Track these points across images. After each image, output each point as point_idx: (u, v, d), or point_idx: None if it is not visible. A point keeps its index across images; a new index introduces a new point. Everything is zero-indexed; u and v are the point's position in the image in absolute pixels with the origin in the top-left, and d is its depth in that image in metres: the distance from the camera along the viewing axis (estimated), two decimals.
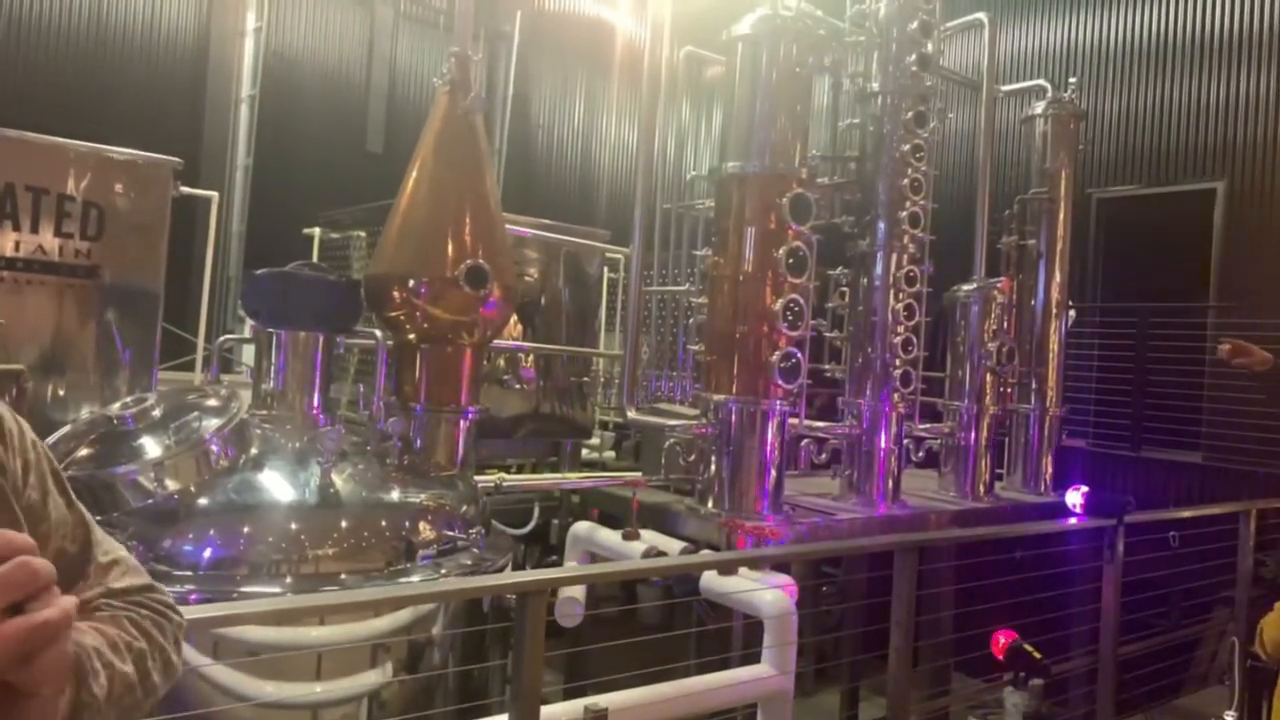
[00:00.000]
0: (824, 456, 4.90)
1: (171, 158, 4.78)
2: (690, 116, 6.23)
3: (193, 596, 2.93)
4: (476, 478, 4.25)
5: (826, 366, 5.19)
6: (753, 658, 3.74)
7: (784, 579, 3.80)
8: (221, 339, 4.38)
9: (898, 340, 4.97)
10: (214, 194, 5.65)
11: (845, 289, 5.17)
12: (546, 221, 6.20)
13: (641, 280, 4.98)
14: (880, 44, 5.21)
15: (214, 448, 3.13)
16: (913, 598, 3.68)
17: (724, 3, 4.90)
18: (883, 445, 4.96)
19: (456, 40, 4.22)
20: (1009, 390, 5.81)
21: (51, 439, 3.19)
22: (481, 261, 3.83)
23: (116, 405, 3.28)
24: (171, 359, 5.47)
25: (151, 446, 3.09)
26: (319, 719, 3.04)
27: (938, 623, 4.66)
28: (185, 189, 4.95)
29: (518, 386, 5.80)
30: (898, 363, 4.96)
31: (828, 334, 5.16)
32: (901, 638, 3.70)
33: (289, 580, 3.08)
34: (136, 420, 3.13)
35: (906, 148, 5.05)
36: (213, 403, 3.37)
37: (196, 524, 3.05)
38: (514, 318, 5.54)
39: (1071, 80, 6.76)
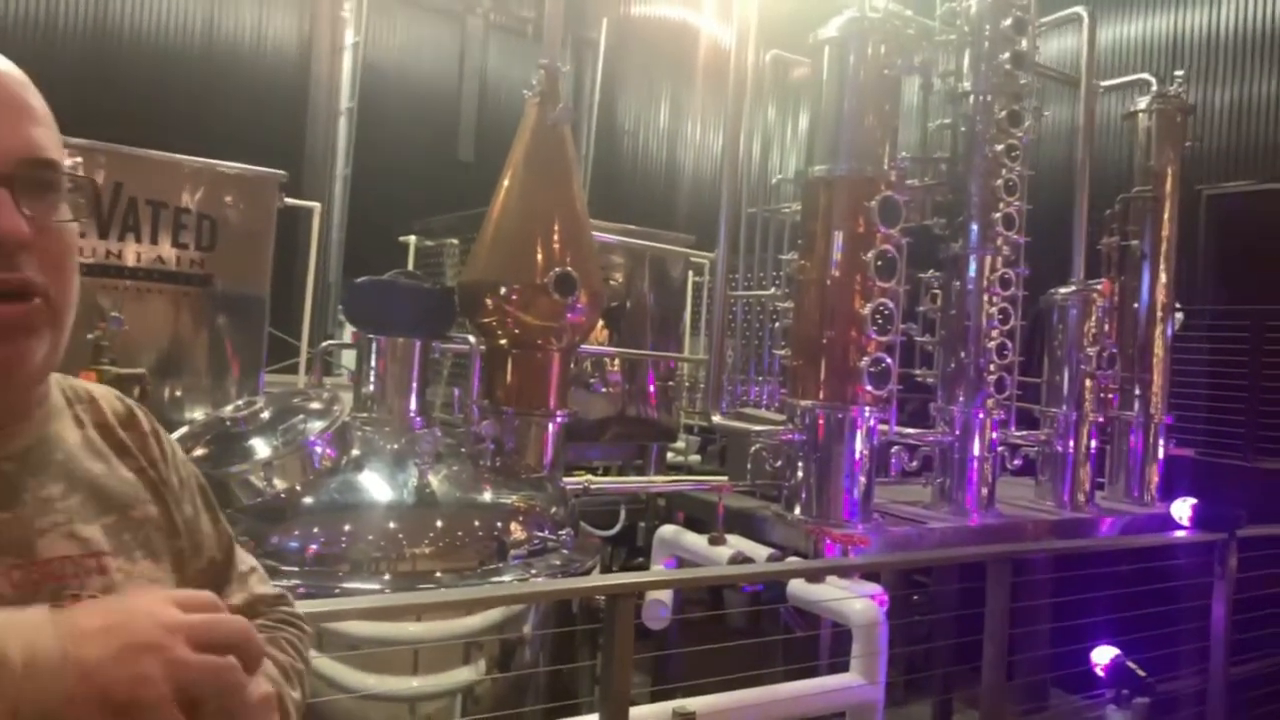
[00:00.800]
0: (915, 464, 4.81)
1: (277, 170, 5.01)
2: (775, 119, 6.19)
3: (298, 590, 3.07)
4: (565, 479, 4.32)
5: (918, 371, 5.10)
6: (841, 666, 3.70)
7: (873, 588, 3.75)
8: (324, 344, 4.57)
9: (992, 345, 4.85)
10: (316, 204, 5.90)
11: (937, 292, 5.06)
12: (632, 227, 6.25)
13: (727, 284, 4.98)
14: (972, 42, 5.09)
15: (318, 449, 3.28)
16: (1006, 610, 3.58)
17: (811, 5, 4.86)
18: (976, 453, 4.85)
19: (545, 52, 4.31)
20: (1110, 396, 5.60)
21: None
22: (569, 269, 3.91)
23: (229, 408, 3.47)
24: (276, 362, 5.72)
25: (261, 447, 3.25)
26: (416, 712, 3.15)
27: (1034, 636, 4.52)
28: (289, 200, 5.18)
29: (603, 390, 5.87)
30: (992, 368, 4.84)
31: (919, 338, 5.07)
32: (995, 650, 3.61)
33: (387, 577, 3.20)
34: (247, 422, 3.30)
35: (1000, 148, 4.92)
36: (316, 406, 3.53)
37: (302, 521, 3.20)
38: (600, 322, 5.61)
39: (1178, 73, 6.46)
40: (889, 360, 4.36)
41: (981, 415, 4.85)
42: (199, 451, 3.25)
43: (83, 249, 4.48)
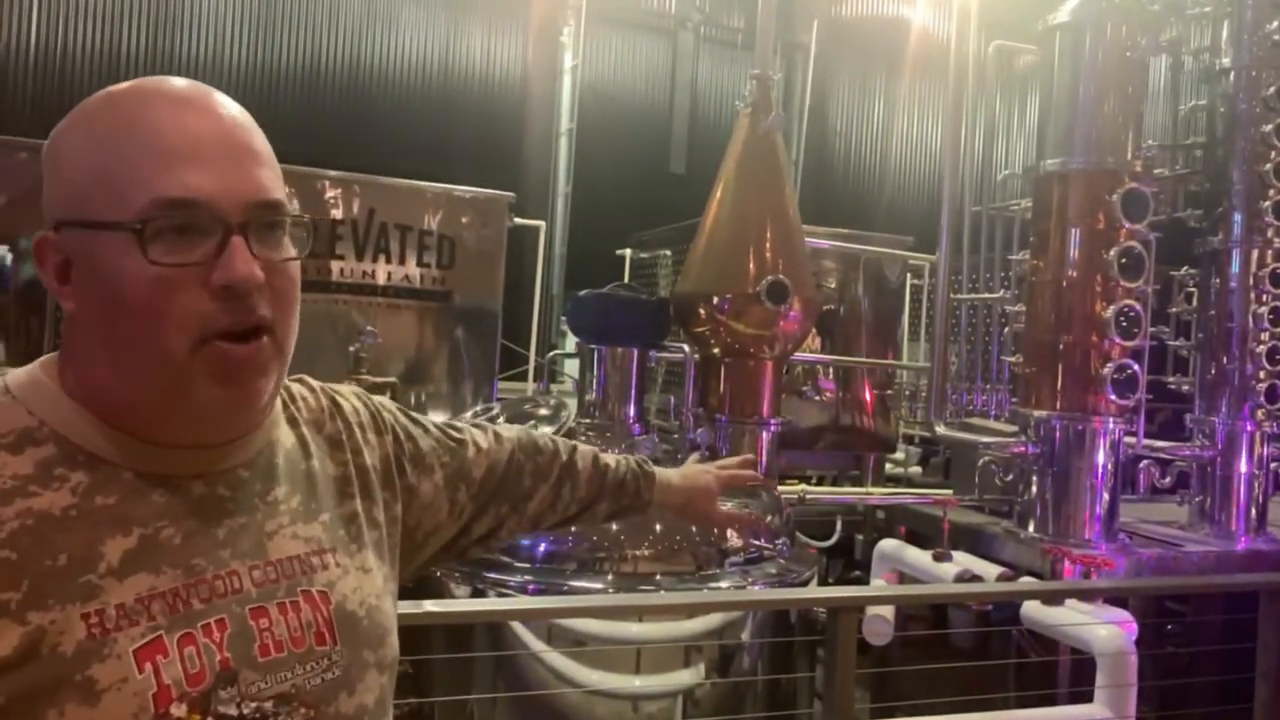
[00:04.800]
0: (1168, 480, 4.38)
1: (507, 193, 5.36)
2: (1000, 112, 5.86)
3: (530, 587, 3.27)
4: (780, 488, 4.31)
5: (1170, 379, 4.64)
6: (1082, 696, 3.44)
7: (1120, 614, 3.45)
8: (550, 354, 4.83)
9: (1261, 349, 4.32)
10: (541, 223, 6.25)
11: (1192, 291, 4.59)
12: (845, 231, 6.14)
13: (949, 287, 4.77)
14: (1231, 12, 4.57)
15: None
16: None
17: None
18: (1243, 469, 4.34)
19: (756, 62, 4.33)
20: None
21: None
22: (782, 276, 3.91)
23: (469, 414, 3.75)
24: (505, 370, 6.11)
25: None
26: (639, 710, 3.25)
27: None
28: (517, 219, 5.53)
29: (816, 398, 5.79)
30: (1262, 374, 4.32)
31: (1171, 342, 4.61)
32: (1270, 691, 3.23)
33: (610, 577, 3.33)
34: None
35: (1269, 128, 4.38)
36: (544, 411, 3.74)
37: None
38: (812, 329, 5.53)
39: None
40: (1136, 367, 4.01)
41: (1249, 428, 4.34)
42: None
43: (343, 269, 5.04)
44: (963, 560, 4.04)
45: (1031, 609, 3.51)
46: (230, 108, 0.92)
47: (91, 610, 0.82)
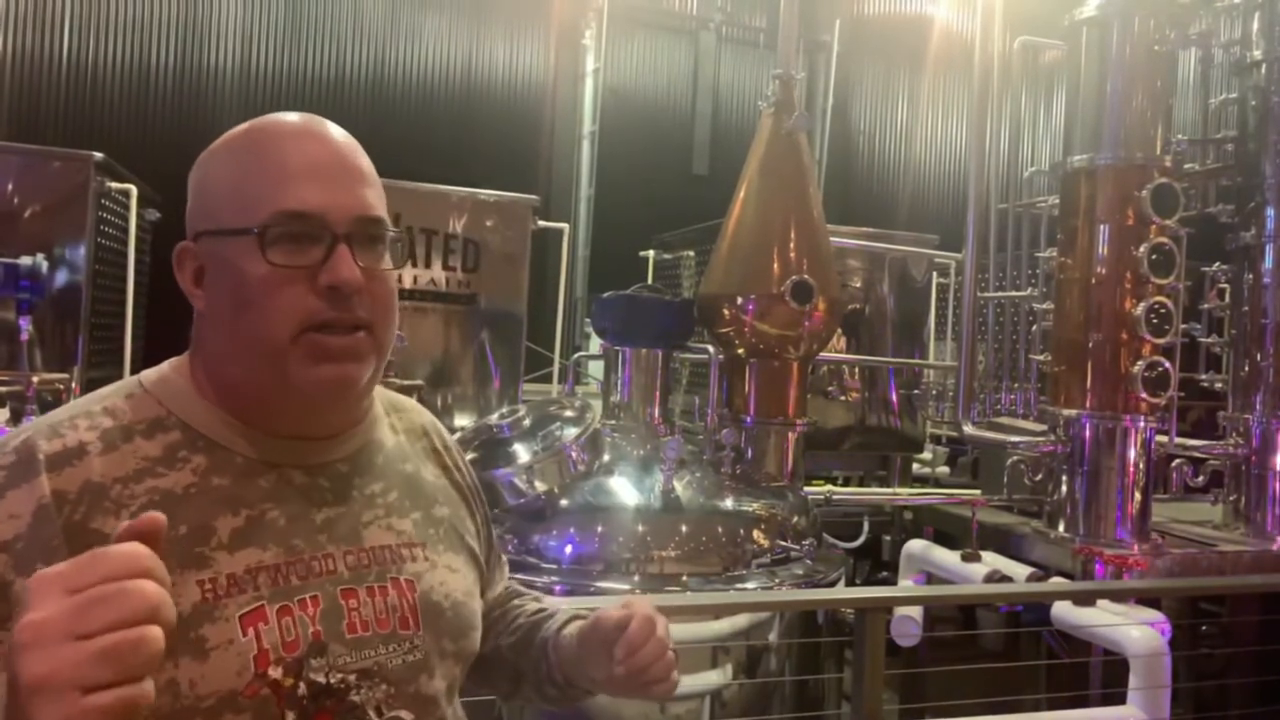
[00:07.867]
0: (1201, 479, 4.32)
1: (530, 196, 5.39)
2: (1025, 109, 5.80)
3: (557, 588, 3.28)
4: (806, 489, 4.29)
5: (1203, 376, 4.57)
6: (1114, 698, 3.39)
7: (1153, 615, 3.41)
8: (575, 356, 4.84)
9: None
10: (564, 225, 6.27)
11: (1225, 287, 4.52)
12: (870, 230, 6.10)
13: (976, 285, 4.73)
14: (1263, 5, 4.50)
15: (572, 454, 3.48)
16: None
17: None
18: (1278, 467, 4.26)
19: (779, 61, 4.32)
20: None
21: None
22: (806, 276, 3.89)
23: (495, 416, 3.77)
24: (530, 372, 6.13)
25: (523, 452, 3.51)
26: (666, 711, 3.25)
27: None
28: (541, 222, 5.55)
29: (842, 398, 5.76)
30: None
31: (1203, 339, 4.55)
32: None
33: (636, 578, 3.34)
34: (511, 429, 3.57)
35: None
36: (570, 413, 3.75)
37: (560, 523, 3.40)
38: (838, 329, 5.51)
39: None
40: (1167, 364, 3.95)
41: None
42: (470, 455, 3.57)
43: None
44: (992, 561, 4.00)
45: (1062, 610, 3.47)
46: (340, 135, 1.04)
47: (205, 578, 0.93)
